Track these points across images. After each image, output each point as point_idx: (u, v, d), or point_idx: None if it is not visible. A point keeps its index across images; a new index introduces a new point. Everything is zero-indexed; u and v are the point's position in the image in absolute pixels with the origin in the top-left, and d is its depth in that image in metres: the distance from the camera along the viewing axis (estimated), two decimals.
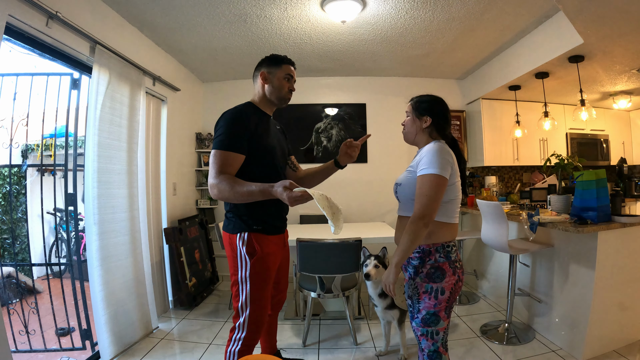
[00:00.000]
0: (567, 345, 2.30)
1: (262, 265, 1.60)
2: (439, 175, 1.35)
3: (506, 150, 4.12)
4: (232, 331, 1.65)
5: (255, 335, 1.64)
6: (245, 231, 1.59)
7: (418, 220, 1.34)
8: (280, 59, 1.68)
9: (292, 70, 1.70)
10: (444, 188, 1.38)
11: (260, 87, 1.69)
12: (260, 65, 1.70)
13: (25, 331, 2.41)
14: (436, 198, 1.35)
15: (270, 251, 1.63)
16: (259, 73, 1.68)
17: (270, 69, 1.67)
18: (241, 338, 1.60)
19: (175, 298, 3.32)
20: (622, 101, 3.94)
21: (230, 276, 1.65)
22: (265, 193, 1.41)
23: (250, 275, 1.58)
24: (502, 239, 2.39)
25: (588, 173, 2.22)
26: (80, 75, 2.37)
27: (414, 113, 1.54)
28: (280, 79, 1.67)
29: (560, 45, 2.68)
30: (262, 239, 1.61)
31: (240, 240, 1.59)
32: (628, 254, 2.24)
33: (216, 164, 1.50)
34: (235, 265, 1.61)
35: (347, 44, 3.27)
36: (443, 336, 1.44)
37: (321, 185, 1.94)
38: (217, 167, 1.49)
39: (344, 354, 2.42)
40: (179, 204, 3.63)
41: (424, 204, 1.34)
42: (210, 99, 4.27)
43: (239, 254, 1.59)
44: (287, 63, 1.70)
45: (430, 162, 1.37)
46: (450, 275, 1.41)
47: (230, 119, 1.55)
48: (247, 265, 1.58)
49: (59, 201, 2.96)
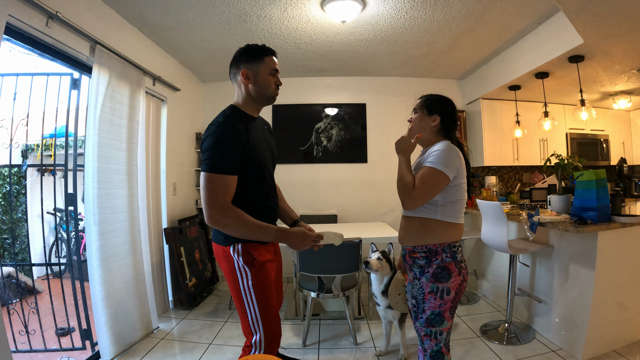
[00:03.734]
0: (567, 345, 2.30)
1: (263, 272, 1.47)
2: (443, 172, 1.38)
3: (506, 150, 4.12)
4: (247, 349, 1.49)
5: (275, 347, 1.50)
6: (238, 242, 1.44)
7: (409, 200, 1.40)
8: (261, 51, 1.48)
9: (275, 62, 1.51)
10: (443, 185, 1.39)
11: (243, 87, 1.49)
12: (238, 62, 1.49)
13: (25, 331, 2.41)
14: (432, 189, 1.39)
15: (267, 259, 1.52)
16: (239, 72, 1.47)
17: (251, 65, 1.46)
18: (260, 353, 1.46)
19: (175, 298, 3.32)
20: (622, 101, 3.94)
21: (231, 290, 1.48)
22: (281, 237, 1.41)
23: (253, 285, 1.43)
24: (502, 239, 2.39)
25: (588, 173, 2.22)
26: (80, 75, 2.37)
27: (422, 110, 1.54)
28: (265, 75, 1.47)
29: (560, 45, 2.68)
30: (257, 247, 1.46)
31: (234, 252, 1.44)
32: (628, 254, 2.24)
33: (214, 190, 1.33)
34: (235, 279, 1.45)
35: (347, 44, 3.27)
36: (446, 336, 1.44)
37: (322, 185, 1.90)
38: (216, 196, 1.33)
39: (344, 354, 2.42)
40: (179, 204, 3.63)
41: (420, 190, 1.39)
42: (210, 99, 4.28)
43: (236, 266, 1.44)
44: (269, 54, 1.49)
45: (439, 158, 1.40)
46: (456, 275, 1.41)
47: (220, 136, 1.35)
48: (247, 275, 1.44)
49: (59, 201, 2.96)
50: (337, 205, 4.26)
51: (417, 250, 1.45)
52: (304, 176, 4.22)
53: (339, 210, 4.24)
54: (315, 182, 4.25)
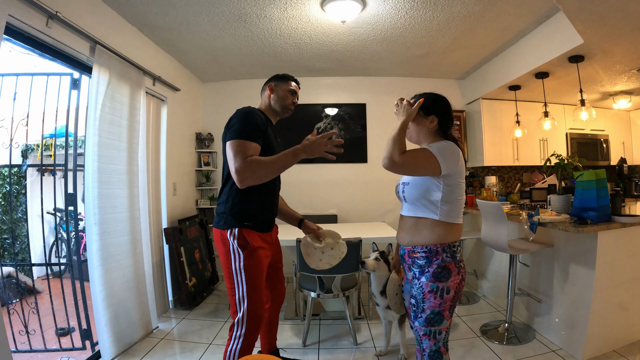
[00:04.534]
0: (567, 345, 2.30)
1: (254, 257, 1.65)
2: (436, 159, 1.38)
3: (506, 150, 4.12)
4: (231, 329, 1.66)
5: (255, 330, 1.65)
6: (236, 227, 1.64)
7: (389, 159, 1.40)
8: (288, 77, 1.88)
9: (296, 87, 1.90)
10: (430, 170, 1.40)
11: (267, 97, 1.86)
12: (269, 80, 1.89)
13: (25, 331, 2.41)
14: (418, 166, 1.41)
15: (260, 245, 1.69)
16: (267, 86, 1.86)
17: (277, 82, 1.86)
18: (242, 335, 1.61)
19: (175, 298, 3.32)
20: (622, 101, 3.94)
21: (224, 271, 1.68)
22: (299, 152, 1.57)
23: (244, 267, 1.62)
24: (502, 239, 2.39)
25: (588, 173, 2.22)
26: (80, 75, 2.37)
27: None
28: (285, 91, 1.85)
29: (560, 45, 2.68)
30: (252, 234, 1.66)
31: (231, 235, 1.64)
32: (628, 254, 2.24)
33: (240, 151, 1.52)
34: (228, 260, 1.65)
35: (347, 44, 3.27)
36: (445, 336, 1.44)
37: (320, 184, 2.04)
38: (242, 154, 1.51)
39: (344, 354, 2.42)
40: (179, 204, 3.63)
41: (406, 159, 1.39)
42: (210, 99, 4.27)
43: (231, 248, 1.64)
44: (294, 80, 1.90)
45: (438, 148, 1.41)
46: (455, 274, 1.42)
47: (246, 114, 1.64)
48: (240, 257, 1.62)
49: (59, 201, 2.96)
50: (337, 205, 4.26)
51: (417, 250, 1.45)
52: (304, 176, 4.22)
53: (339, 210, 4.25)
54: (315, 182, 4.25)
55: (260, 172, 1.52)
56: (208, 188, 4.20)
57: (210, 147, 4.18)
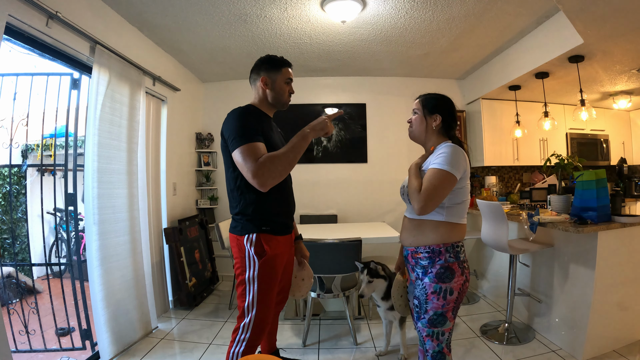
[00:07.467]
0: (567, 345, 2.30)
1: (270, 266, 1.59)
2: (450, 173, 1.36)
3: (506, 150, 4.12)
4: (235, 332, 1.63)
5: (259, 336, 1.63)
6: (253, 232, 1.58)
7: (416, 204, 1.36)
8: (280, 62, 1.69)
9: (290, 73, 1.73)
10: (452, 186, 1.37)
11: (261, 91, 1.69)
12: (259, 69, 1.69)
13: (25, 331, 2.41)
14: (442, 191, 1.36)
15: (278, 252, 1.63)
16: (259, 78, 1.68)
17: (270, 73, 1.67)
18: (245, 339, 1.59)
19: (175, 298, 3.32)
20: (622, 101, 3.94)
21: (237, 276, 1.63)
22: (309, 135, 1.53)
23: (258, 276, 1.57)
24: (502, 239, 2.39)
25: (588, 173, 2.22)
26: (80, 75, 2.37)
27: (422, 111, 1.53)
28: (281, 83, 1.69)
29: (560, 45, 2.68)
30: (271, 239, 1.60)
31: (248, 242, 1.57)
32: (628, 254, 2.24)
33: (249, 155, 1.45)
34: (243, 265, 1.60)
35: (347, 44, 3.27)
36: (448, 337, 1.44)
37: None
38: (252, 157, 1.44)
39: (344, 354, 2.42)
40: (179, 204, 3.63)
41: (429, 193, 1.34)
42: (210, 99, 4.26)
43: (247, 255, 1.58)
44: (287, 65, 1.72)
45: (445, 159, 1.37)
46: (459, 275, 1.41)
47: (238, 117, 1.55)
48: (255, 265, 1.57)
49: (59, 201, 2.96)
50: (337, 205, 4.26)
51: (420, 251, 1.45)
52: (304, 176, 4.22)
53: (339, 210, 4.24)
54: (315, 182, 4.25)
55: (277, 168, 1.46)
56: (208, 188, 4.20)
57: (210, 147, 4.18)
